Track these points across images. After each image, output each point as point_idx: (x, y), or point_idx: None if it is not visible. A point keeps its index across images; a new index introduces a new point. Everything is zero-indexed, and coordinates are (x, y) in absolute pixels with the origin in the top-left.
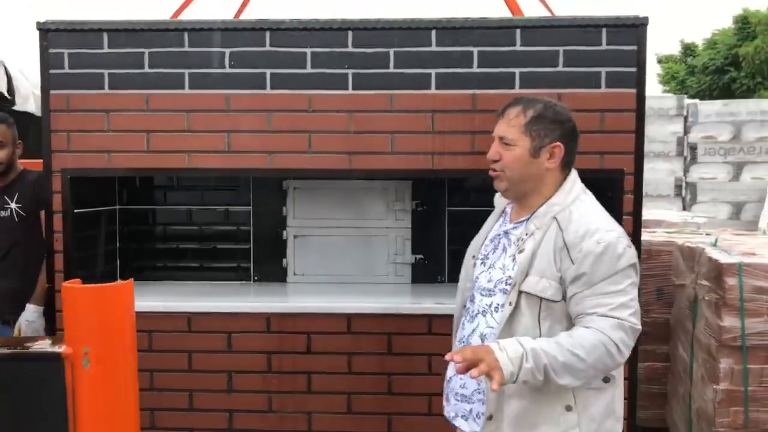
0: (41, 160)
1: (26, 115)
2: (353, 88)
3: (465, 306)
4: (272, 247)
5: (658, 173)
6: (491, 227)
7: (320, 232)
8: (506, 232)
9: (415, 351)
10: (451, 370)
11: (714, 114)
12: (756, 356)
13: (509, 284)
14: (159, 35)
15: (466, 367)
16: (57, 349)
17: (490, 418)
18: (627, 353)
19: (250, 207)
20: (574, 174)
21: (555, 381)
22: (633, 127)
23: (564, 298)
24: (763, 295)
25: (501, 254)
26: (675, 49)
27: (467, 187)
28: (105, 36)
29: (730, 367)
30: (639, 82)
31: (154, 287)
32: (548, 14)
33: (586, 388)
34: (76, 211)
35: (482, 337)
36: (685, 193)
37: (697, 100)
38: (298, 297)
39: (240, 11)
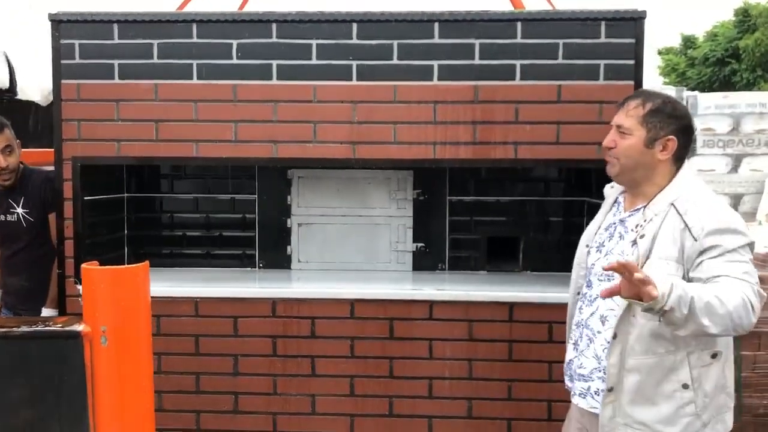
0: (46, 149)
1: (30, 105)
2: (357, 79)
3: (579, 293)
4: (277, 234)
5: None
6: (604, 217)
7: (324, 221)
8: (621, 221)
9: (416, 336)
10: (571, 353)
11: (713, 106)
12: (750, 344)
13: None
14: (168, 26)
15: (614, 290)
16: (76, 327)
17: (610, 390)
18: (756, 318)
19: (256, 195)
20: (687, 166)
21: (697, 318)
22: None
23: (684, 274)
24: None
25: (618, 241)
26: (675, 42)
27: (467, 177)
28: (115, 27)
29: None
30: (636, 74)
31: (162, 273)
32: (549, 8)
33: (700, 365)
34: (85, 198)
35: (602, 319)
36: None
37: (696, 92)
38: (303, 283)
39: (243, 3)
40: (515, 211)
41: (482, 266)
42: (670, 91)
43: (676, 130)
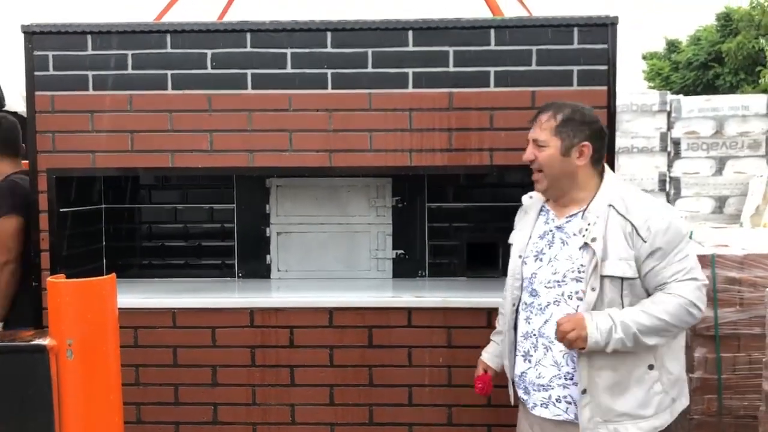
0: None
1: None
2: (332, 88)
3: (515, 304)
4: (256, 244)
5: (642, 168)
6: (533, 226)
7: (303, 229)
8: (559, 227)
9: (396, 344)
10: (522, 365)
11: (696, 109)
12: (728, 345)
13: (582, 272)
14: (142, 37)
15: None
16: (42, 341)
17: (584, 392)
18: (704, 307)
19: (234, 205)
20: (608, 167)
21: (644, 343)
22: (604, 123)
23: (639, 275)
24: (735, 286)
25: (561, 247)
26: (660, 46)
27: (446, 184)
28: (89, 38)
29: (703, 356)
30: (610, 79)
31: (140, 285)
32: (526, 14)
33: (659, 346)
34: (61, 210)
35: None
36: (669, 188)
37: (680, 96)
38: (282, 292)
39: (223, 13)
40: (494, 216)
41: (462, 272)
42: (654, 95)
43: (588, 135)
